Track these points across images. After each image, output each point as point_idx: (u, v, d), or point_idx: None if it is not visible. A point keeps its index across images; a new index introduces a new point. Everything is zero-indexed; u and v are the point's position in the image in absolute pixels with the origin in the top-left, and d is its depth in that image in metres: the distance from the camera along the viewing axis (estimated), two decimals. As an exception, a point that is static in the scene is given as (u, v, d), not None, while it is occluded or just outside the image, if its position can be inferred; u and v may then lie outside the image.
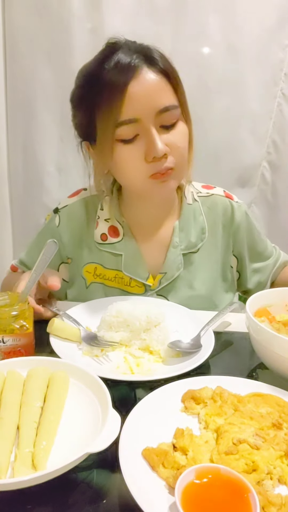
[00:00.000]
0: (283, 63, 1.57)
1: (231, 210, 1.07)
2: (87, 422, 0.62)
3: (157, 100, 0.85)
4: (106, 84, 0.83)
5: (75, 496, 0.57)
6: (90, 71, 0.88)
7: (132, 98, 0.83)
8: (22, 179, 1.75)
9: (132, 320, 0.87)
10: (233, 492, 0.51)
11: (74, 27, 1.49)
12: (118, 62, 0.83)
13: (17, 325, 0.78)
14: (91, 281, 1.10)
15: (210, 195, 1.09)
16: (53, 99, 1.60)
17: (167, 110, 0.86)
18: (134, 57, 0.83)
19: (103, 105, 0.85)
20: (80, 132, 0.96)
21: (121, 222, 1.06)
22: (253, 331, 0.79)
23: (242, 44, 1.53)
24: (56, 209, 1.11)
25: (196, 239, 1.06)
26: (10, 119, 1.66)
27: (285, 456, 0.60)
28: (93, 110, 0.87)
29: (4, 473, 0.55)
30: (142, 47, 0.87)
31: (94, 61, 0.88)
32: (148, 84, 0.84)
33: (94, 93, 0.86)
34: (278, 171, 1.72)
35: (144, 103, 0.84)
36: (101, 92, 0.84)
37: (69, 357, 0.80)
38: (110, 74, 0.83)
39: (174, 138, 0.88)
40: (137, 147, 0.87)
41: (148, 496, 0.53)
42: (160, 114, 0.85)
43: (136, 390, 0.75)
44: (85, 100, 0.90)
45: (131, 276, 1.06)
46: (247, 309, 0.81)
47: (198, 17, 1.48)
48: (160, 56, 0.87)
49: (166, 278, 1.06)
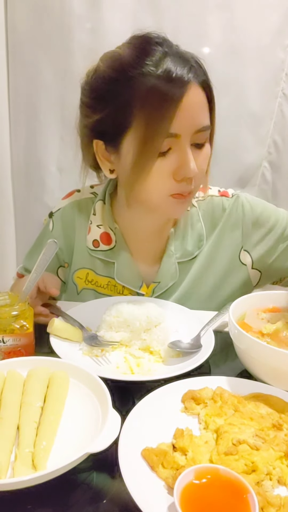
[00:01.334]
0: (284, 63, 1.56)
1: (228, 208, 1.03)
2: (87, 422, 0.62)
3: (200, 118, 0.82)
4: (157, 90, 0.77)
5: (75, 496, 0.57)
6: (130, 66, 0.79)
7: (181, 113, 0.78)
8: (24, 179, 1.76)
9: (132, 320, 0.87)
10: (232, 492, 0.51)
11: (74, 27, 1.50)
12: (171, 72, 0.77)
13: (17, 325, 0.78)
14: (82, 287, 1.08)
15: (205, 197, 1.04)
16: (55, 99, 1.61)
17: (204, 130, 0.83)
18: (186, 70, 0.79)
19: (150, 112, 0.78)
20: (99, 129, 0.87)
21: (114, 229, 1.02)
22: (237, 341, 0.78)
23: (243, 44, 1.52)
24: (50, 214, 1.09)
25: (192, 247, 1.03)
26: (12, 119, 1.67)
27: (285, 457, 0.59)
28: (132, 111, 0.79)
29: (4, 473, 0.55)
30: (190, 58, 0.82)
31: (134, 55, 0.80)
32: (196, 102, 0.81)
33: (136, 94, 0.78)
34: (278, 171, 1.72)
35: (190, 120, 0.80)
36: (149, 97, 0.78)
37: (69, 357, 0.80)
38: (162, 82, 0.77)
39: (199, 159, 0.85)
40: (168, 162, 0.82)
41: (147, 496, 0.53)
42: (196, 133, 0.82)
43: (136, 390, 0.75)
44: (120, 97, 0.80)
45: (124, 284, 1.04)
46: (230, 316, 0.79)
47: (198, 17, 1.48)
48: (205, 73, 0.84)
49: (160, 287, 1.03)
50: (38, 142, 1.68)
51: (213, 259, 1.05)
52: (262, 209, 1.03)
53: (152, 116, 0.78)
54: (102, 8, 1.47)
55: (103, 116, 0.84)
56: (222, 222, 1.04)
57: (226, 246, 1.05)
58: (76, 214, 1.07)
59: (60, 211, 1.08)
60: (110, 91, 0.82)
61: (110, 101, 0.82)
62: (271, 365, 0.72)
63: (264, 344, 0.72)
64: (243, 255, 1.05)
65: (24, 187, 1.77)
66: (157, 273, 1.03)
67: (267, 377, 0.74)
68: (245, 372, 0.80)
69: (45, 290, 0.91)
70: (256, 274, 1.07)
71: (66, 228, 1.07)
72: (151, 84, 0.77)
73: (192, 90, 0.80)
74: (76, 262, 1.08)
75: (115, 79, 0.81)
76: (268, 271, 1.06)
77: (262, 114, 1.63)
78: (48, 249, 0.81)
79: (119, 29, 1.46)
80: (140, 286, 1.04)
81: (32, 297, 0.88)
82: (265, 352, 0.72)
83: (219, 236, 1.04)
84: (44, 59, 1.56)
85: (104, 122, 0.85)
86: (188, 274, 1.04)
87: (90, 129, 0.89)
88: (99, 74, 0.84)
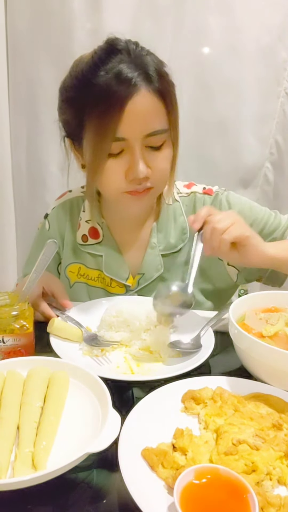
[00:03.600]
0: (286, 62, 1.55)
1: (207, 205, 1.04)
2: (87, 422, 0.62)
3: (149, 123, 0.84)
4: (104, 94, 0.81)
5: (75, 496, 0.57)
6: (86, 72, 0.84)
7: (127, 118, 0.81)
8: (25, 179, 1.76)
9: (132, 320, 0.87)
10: (232, 492, 0.51)
11: (74, 28, 1.50)
12: (120, 74, 0.80)
13: (17, 325, 0.78)
14: (74, 280, 1.11)
15: (189, 194, 1.07)
16: (55, 99, 1.59)
17: (156, 134, 0.85)
18: (136, 74, 0.81)
19: (98, 116, 0.83)
20: (66, 129, 0.94)
21: (101, 223, 1.06)
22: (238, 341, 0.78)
23: (244, 44, 1.52)
24: (46, 215, 1.13)
25: (176, 240, 1.05)
26: (12, 119, 1.67)
27: (285, 457, 0.59)
28: (84, 115, 0.85)
29: (4, 473, 0.55)
30: (144, 60, 0.83)
31: (91, 61, 0.85)
32: (144, 107, 0.82)
33: (88, 98, 0.83)
34: (281, 172, 1.71)
35: (136, 125, 0.83)
36: (96, 101, 0.82)
37: (69, 357, 0.80)
38: (109, 84, 0.80)
39: (157, 160, 0.88)
40: (120, 162, 0.87)
41: (147, 496, 0.53)
42: (148, 136, 0.85)
43: (136, 390, 0.75)
44: (77, 101, 0.87)
45: (111, 276, 1.06)
46: (230, 316, 0.79)
47: (198, 17, 1.47)
48: (160, 74, 0.84)
49: (145, 278, 1.06)
50: (39, 142, 1.68)
51: None
52: (240, 208, 1.03)
53: (99, 120, 0.83)
54: (102, 8, 1.47)
55: (67, 118, 0.92)
56: None
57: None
58: (68, 212, 1.11)
59: (54, 210, 1.13)
60: (70, 96, 0.89)
61: (70, 105, 0.90)
62: (271, 365, 0.72)
63: (264, 344, 0.72)
64: None
65: (25, 187, 1.77)
66: (141, 264, 1.06)
67: (267, 377, 0.74)
68: (245, 372, 0.80)
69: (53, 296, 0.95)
70: (233, 271, 1.09)
71: (60, 225, 1.12)
72: (99, 89, 0.81)
73: (141, 96, 0.82)
74: (67, 257, 1.11)
75: (73, 85, 0.88)
76: (244, 268, 1.07)
77: (264, 114, 1.63)
78: (48, 249, 0.82)
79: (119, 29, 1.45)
80: (127, 278, 1.07)
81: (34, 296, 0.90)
82: (265, 352, 0.72)
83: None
84: (44, 59, 1.56)
85: (68, 123, 0.92)
86: (172, 267, 1.07)
87: (63, 128, 0.96)
88: (65, 79, 0.92)
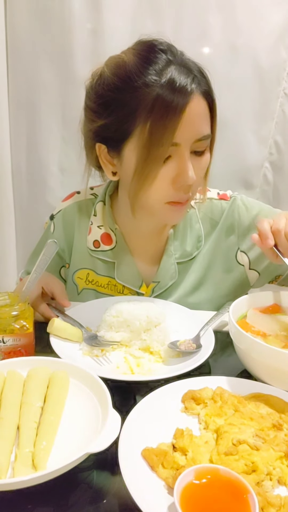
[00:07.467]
0: (286, 62, 1.55)
1: (225, 211, 1.04)
2: (87, 422, 0.62)
3: (199, 128, 0.83)
4: (161, 100, 0.78)
5: (75, 496, 0.57)
6: (134, 75, 0.80)
7: (183, 123, 0.79)
8: (25, 179, 1.76)
9: (132, 320, 0.87)
10: (232, 493, 0.51)
11: (75, 28, 1.49)
12: (174, 82, 0.78)
13: (17, 325, 0.78)
14: (82, 287, 1.09)
15: (204, 200, 1.05)
16: (55, 99, 1.60)
17: (204, 139, 0.84)
18: (189, 80, 0.79)
19: (154, 121, 0.79)
20: (102, 134, 0.88)
21: (114, 229, 1.04)
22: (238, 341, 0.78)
23: (244, 43, 1.52)
24: (51, 216, 1.11)
25: (191, 248, 1.04)
26: (12, 120, 1.67)
27: (285, 457, 0.59)
28: (136, 119, 0.80)
29: (4, 473, 0.55)
30: (193, 68, 0.82)
31: (138, 63, 0.81)
32: (198, 112, 0.81)
33: (140, 104, 0.79)
34: (280, 172, 1.71)
35: (190, 129, 0.81)
36: (153, 106, 0.79)
37: (69, 357, 0.80)
38: (165, 93, 0.78)
39: (198, 167, 0.86)
40: (167, 169, 0.83)
41: (147, 496, 0.53)
42: (196, 142, 0.83)
43: (136, 390, 0.75)
44: (125, 106, 0.81)
45: (124, 284, 1.05)
46: (230, 317, 0.79)
47: (198, 17, 1.47)
48: (208, 83, 0.84)
49: (160, 287, 1.05)
50: (39, 142, 1.68)
51: (211, 260, 1.06)
52: (257, 211, 1.04)
53: (156, 126, 0.79)
54: (102, 8, 1.47)
55: (107, 122, 0.85)
56: (220, 224, 1.06)
57: (223, 247, 1.06)
58: (76, 215, 1.08)
59: (61, 212, 1.09)
60: (115, 99, 0.82)
61: (115, 109, 0.83)
62: (271, 365, 0.72)
63: (264, 344, 0.72)
64: (240, 256, 1.06)
65: (25, 187, 1.77)
66: (157, 273, 1.04)
67: (267, 377, 0.74)
68: (245, 372, 0.80)
69: (52, 296, 0.94)
70: (253, 275, 1.08)
71: (67, 229, 1.09)
72: (155, 95, 0.78)
73: (195, 101, 0.80)
74: (76, 262, 1.09)
75: (120, 87, 0.81)
76: (265, 271, 1.07)
77: (263, 114, 1.63)
78: (48, 249, 0.82)
79: (120, 29, 1.46)
80: (140, 285, 1.05)
81: (33, 296, 0.89)
82: (265, 352, 0.72)
83: (217, 237, 1.06)
84: (44, 59, 1.56)
85: (107, 128, 0.86)
86: (187, 274, 1.06)
87: (94, 133, 0.90)
88: (104, 80, 0.84)
